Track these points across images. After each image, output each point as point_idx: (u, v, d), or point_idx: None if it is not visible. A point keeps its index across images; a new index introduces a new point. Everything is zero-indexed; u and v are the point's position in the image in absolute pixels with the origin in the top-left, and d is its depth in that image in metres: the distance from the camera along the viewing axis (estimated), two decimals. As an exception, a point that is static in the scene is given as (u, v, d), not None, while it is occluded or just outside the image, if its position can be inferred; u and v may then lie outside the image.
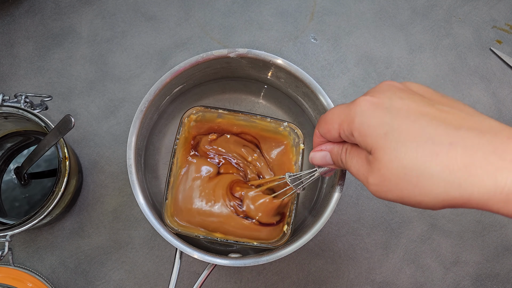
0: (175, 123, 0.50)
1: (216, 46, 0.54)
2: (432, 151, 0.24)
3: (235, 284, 0.50)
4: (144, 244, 0.50)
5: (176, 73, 0.44)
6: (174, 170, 0.44)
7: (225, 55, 0.44)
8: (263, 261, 0.41)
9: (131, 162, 0.42)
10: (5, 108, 0.41)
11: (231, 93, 0.52)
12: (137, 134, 0.43)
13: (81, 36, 0.54)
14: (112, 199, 0.50)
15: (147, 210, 0.41)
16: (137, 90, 0.53)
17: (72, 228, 0.50)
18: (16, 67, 0.53)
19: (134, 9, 0.55)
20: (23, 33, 0.53)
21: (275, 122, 0.46)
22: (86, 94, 0.52)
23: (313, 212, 0.47)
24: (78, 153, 0.51)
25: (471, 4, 0.57)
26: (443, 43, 0.56)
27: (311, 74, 0.45)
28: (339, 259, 0.51)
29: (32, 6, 0.54)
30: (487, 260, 0.52)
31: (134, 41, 0.54)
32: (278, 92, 0.51)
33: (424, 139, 0.25)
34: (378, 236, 0.51)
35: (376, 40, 0.56)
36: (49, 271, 0.49)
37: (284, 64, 0.44)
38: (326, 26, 0.56)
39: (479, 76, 0.56)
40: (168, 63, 0.54)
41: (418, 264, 0.51)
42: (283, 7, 0.56)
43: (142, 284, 0.49)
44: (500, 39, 0.57)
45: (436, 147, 0.24)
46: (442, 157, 0.24)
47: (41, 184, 0.48)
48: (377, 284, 0.51)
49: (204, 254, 0.41)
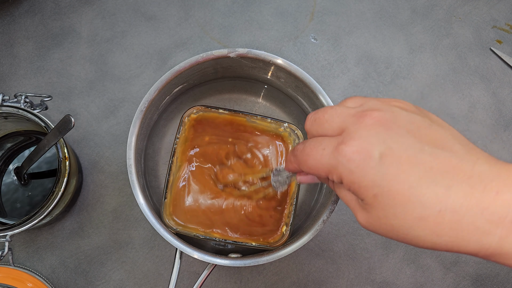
0: (175, 123, 0.50)
1: (216, 46, 0.54)
2: (420, 216, 0.25)
3: (235, 284, 0.50)
4: (144, 244, 0.50)
5: (176, 73, 0.44)
6: (173, 169, 0.44)
7: (225, 55, 0.44)
8: (263, 261, 0.41)
9: (131, 162, 0.42)
10: (5, 108, 0.41)
11: (231, 93, 0.52)
12: (137, 134, 0.43)
13: (81, 36, 0.54)
14: (112, 199, 0.50)
15: (147, 210, 0.41)
16: (137, 90, 0.53)
17: (72, 228, 0.50)
18: (16, 67, 0.53)
19: (134, 9, 0.55)
20: (23, 33, 0.53)
21: (275, 122, 0.46)
22: (86, 94, 0.52)
23: (313, 212, 0.47)
24: (78, 153, 0.51)
25: (471, 4, 0.57)
26: (443, 43, 0.56)
27: (311, 74, 0.45)
28: (339, 259, 0.51)
29: (32, 6, 0.54)
30: (487, 260, 0.52)
31: (134, 41, 0.54)
32: (278, 92, 0.51)
33: (412, 203, 0.25)
34: (378, 236, 0.51)
35: (376, 40, 0.56)
36: (49, 271, 0.49)
37: (284, 64, 0.44)
38: (326, 26, 0.56)
39: (479, 76, 0.56)
40: (168, 63, 0.54)
41: (418, 264, 0.51)
42: (283, 7, 0.56)
43: (142, 284, 0.49)
44: (500, 39, 0.57)
45: (425, 212, 0.24)
46: (429, 223, 0.25)
47: (42, 185, 0.48)
48: (377, 284, 0.51)
49: (204, 254, 0.41)
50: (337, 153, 0.27)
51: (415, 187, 0.25)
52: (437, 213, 0.24)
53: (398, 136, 0.26)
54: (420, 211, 0.25)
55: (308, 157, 0.29)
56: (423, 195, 0.24)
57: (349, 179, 0.27)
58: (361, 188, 0.26)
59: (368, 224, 0.28)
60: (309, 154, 0.29)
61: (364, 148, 0.26)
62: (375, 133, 0.26)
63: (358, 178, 0.26)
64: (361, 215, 0.28)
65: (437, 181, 0.24)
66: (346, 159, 0.26)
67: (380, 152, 0.26)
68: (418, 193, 0.25)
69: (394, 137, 0.26)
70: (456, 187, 0.24)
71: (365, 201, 0.27)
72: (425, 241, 0.25)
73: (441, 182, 0.24)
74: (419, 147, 0.26)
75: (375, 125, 0.27)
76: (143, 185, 0.45)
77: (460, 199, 0.24)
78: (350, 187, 0.27)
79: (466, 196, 0.24)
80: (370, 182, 0.26)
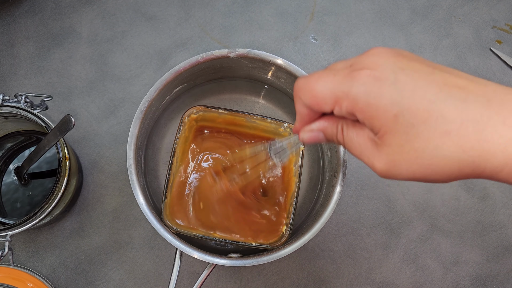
0: (175, 123, 0.50)
1: (216, 46, 0.54)
2: (444, 130, 0.24)
3: (235, 284, 0.50)
4: (144, 244, 0.50)
5: (176, 73, 0.44)
6: (173, 169, 0.44)
7: (225, 55, 0.44)
8: (263, 261, 0.41)
9: (131, 162, 0.42)
10: (5, 108, 0.41)
11: (231, 93, 0.52)
12: (137, 134, 0.43)
13: (81, 36, 0.54)
14: (112, 199, 0.50)
15: (147, 210, 0.41)
16: (137, 90, 0.53)
17: (72, 228, 0.50)
18: (16, 67, 0.53)
19: (134, 9, 0.55)
20: (23, 33, 0.53)
21: (275, 122, 0.46)
22: (86, 94, 0.52)
23: (313, 212, 0.47)
24: (78, 153, 0.51)
25: (471, 4, 0.57)
26: (443, 43, 0.56)
27: (311, 74, 0.45)
28: (339, 259, 0.51)
29: (32, 6, 0.54)
30: (487, 260, 0.52)
31: (134, 41, 0.54)
32: (278, 92, 0.51)
33: (434, 118, 0.24)
34: (378, 236, 0.52)
35: (376, 40, 0.56)
36: (49, 271, 0.49)
37: (284, 64, 0.44)
38: (326, 26, 0.56)
39: (479, 76, 0.55)
40: (168, 63, 0.54)
41: (418, 264, 0.51)
42: (283, 7, 0.56)
43: (142, 284, 0.49)
44: (500, 39, 0.57)
45: (448, 126, 0.24)
46: (454, 137, 0.24)
47: (42, 185, 0.48)
48: (377, 284, 0.51)
49: (204, 254, 0.41)
50: (350, 77, 0.26)
51: (434, 101, 0.24)
52: (460, 125, 0.23)
53: (407, 61, 0.26)
54: (443, 125, 0.24)
55: (315, 84, 0.27)
56: (443, 109, 0.24)
57: (365, 101, 0.25)
58: (379, 110, 0.25)
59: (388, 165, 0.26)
60: (316, 81, 0.27)
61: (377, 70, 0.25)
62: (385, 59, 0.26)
63: (375, 98, 0.25)
64: (378, 158, 0.26)
65: (454, 95, 0.24)
66: (361, 82, 0.25)
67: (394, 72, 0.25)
68: (438, 108, 0.24)
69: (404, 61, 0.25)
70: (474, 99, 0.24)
71: (383, 130, 0.25)
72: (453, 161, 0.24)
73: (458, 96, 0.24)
74: (430, 70, 0.25)
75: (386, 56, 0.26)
76: (143, 185, 0.45)
77: (479, 109, 0.23)
78: (366, 112, 0.25)
79: (485, 107, 0.23)
80: (389, 100, 0.24)
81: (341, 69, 0.27)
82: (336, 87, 0.26)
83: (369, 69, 0.25)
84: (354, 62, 0.27)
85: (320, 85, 0.27)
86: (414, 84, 0.24)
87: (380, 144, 0.26)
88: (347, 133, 0.28)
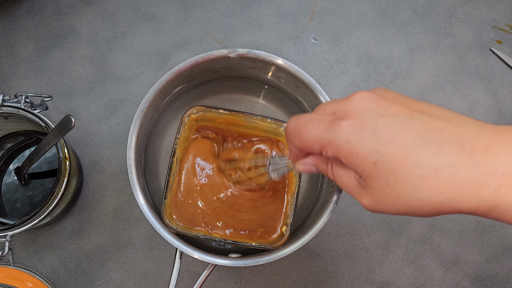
0: (175, 123, 0.50)
1: (216, 46, 0.54)
2: (420, 175, 0.25)
3: (235, 284, 0.50)
4: (144, 244, 0.50)
5: (176, 73, 0.44)
6: (173, 169, 0.44)
7: (225, 55, 0.44)
8: (263, 261, 0.41)
9: (131, 162, 0.42)
10: (5, 108, 0.41)
11: (231, 93, 0.52)
12: (137, 134, 0.43)
13: (81, 36, 0.54)
14: (112, 199, 0.50)
15: (147, 210, 0.41)
16: (137, 90, 0.53)
17: (72, 228, 0.50)
18: (16, 67, 0.53)
19: (134, 9, 0.55)
20: (23, 33, 0.53)
21: (275, 123, 0.46)
22: (86, 94, 0.52)
23: (313, 212, 0.47)
24: (78, 153, 0.51)
25: (471, 4, 0.57)
26: (443, 43, 0.56)
27: (311, 74, 0.45)
28: (339, 259, 0.51)
29: (32, 6, 0.54)
30: (487, 260, 0.52)
31: (134, 41, 0.54)
32: (278, 92, 0.51)
33: (411, 164, 0.25)
34: (378, 236, 0.52)
35: (376, 40, 0.56)
36: (49, 271, 0.49)
37: (284, 64, 0.44)
38: (326, 26, 0.56)
39: (479, 76, 0.56)
40: (168, 63, 0.54)
41: (418, 264, 0.51)
42: (283, 7, 0.56)
43: (142, 284, 0.49)
44: (500, 39, 0.57)
45: (424, 171, 0.25)
46: (430, 181, 0.25)
47: (42, 185, 0.48)
48: (377, 284, 0.51)
49: (204, 254, 0.41)
50: (333, 126, 0.28)
51: (411, 148, 0.26)
52: (435, 170, 0.25)
53: (387, 106, 0.27)
54: (420, 170, 0.25)
55: (303, 131, 0.29)
56: (419, 155, 0.25)
57: (347, 150, 0.27)
58: (360, 157, 0.27)
59: (373, 203, 0.28)
60: (304, 128, 0.29)
61: (358, 119, 0.27)
62: (365, 106, 0.27)
63: (356, 147, 0.27)
64: (364, 196, 0.28)
65: (429, 140, 0.26)
66: (343, 131, 0.27)
67: (373, 120, 0.27)
68: (414, 154, 0.26)
69: (384, 107, 0.27)
70: (448, 143, 0.25)
71: (365, 174, 0.27)
72: (430, 203, 0.26)
73: (433, 141, 0.26)
74: (409, 113, 0.27)
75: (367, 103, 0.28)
76: (143, 185, 0.45)
77: (453, 154, 0.25)
78: (349, 159, 0.27)
79: (458, 151, 0.25)
80: (368, 148, 0.26)
81: (326, 116, 0.29)
82: (321, 135, 0.28)
83: (351, 119, 0.27)
84: (337, 108, 0.29)
85: (307, 132, 0.29)
86: (392, 131, 0.26)
87: (364, 186, 0.28)
88: (336, 171, 0.31)
